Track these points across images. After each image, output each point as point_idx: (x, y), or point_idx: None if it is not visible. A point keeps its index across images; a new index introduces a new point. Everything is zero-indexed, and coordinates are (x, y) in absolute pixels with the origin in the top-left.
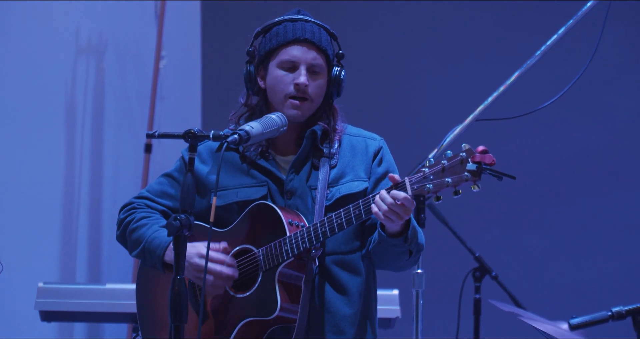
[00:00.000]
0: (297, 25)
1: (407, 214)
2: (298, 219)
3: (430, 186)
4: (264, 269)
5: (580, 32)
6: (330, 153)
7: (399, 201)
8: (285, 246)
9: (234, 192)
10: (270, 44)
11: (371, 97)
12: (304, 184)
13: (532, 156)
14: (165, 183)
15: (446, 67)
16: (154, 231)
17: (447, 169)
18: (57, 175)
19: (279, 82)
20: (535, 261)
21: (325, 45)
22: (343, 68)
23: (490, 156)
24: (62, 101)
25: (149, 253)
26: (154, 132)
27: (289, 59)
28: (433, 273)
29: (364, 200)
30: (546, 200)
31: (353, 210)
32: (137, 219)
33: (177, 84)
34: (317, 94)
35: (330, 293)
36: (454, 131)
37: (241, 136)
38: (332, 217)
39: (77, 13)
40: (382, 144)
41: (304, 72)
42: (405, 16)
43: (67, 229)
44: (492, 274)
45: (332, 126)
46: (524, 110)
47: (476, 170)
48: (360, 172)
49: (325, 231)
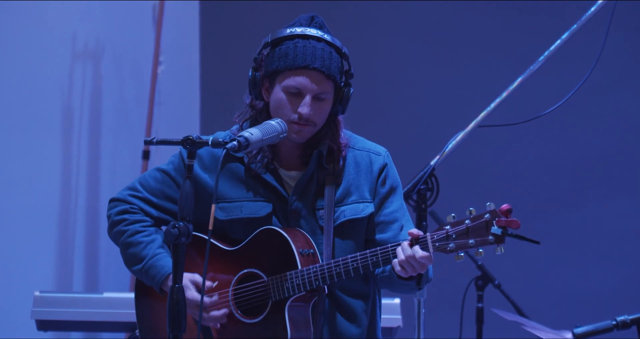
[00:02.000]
0: (308, 47)
1: (423, 269)
2: (308, 245)
3: (453, 246)
4: (273, 299)
5: (584, 37)
6: (335, 171)
7: (418, 258)
8: (297, 280)
9: (238, 206)
10: (278, 63)
11: (371, 103)
12: (308, 204)
13: (535, 162)
14: (161, 180)
15: (448, 72)
16: (152, 256)
17: (471, 231)
18: (54, 182)
19: (282, 106)
20: (539, 269)
21: (335, 72)
22: (351, 87)
23: (515, 221)
24: (58, 106)
25: (147, 278)
26: (152, 139)
27: (295, 86)
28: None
29: (383, 249)
30: (550, 207)
31: (370, 256)
32: (130, 233)
33: (176, 90)
34: (321, 119)
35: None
36: (457, 138)
37: (240, 143)
38: (348, 260)
39: (73, 17)
40: (386, 160)
41: (309, 101)
42: (405, 19)
43: (63, 237)
44: (495, 283)
45: (337, 143)
46: (527, 116)
47: (501, 235)
48: (364, 192)
49: (340, 273)
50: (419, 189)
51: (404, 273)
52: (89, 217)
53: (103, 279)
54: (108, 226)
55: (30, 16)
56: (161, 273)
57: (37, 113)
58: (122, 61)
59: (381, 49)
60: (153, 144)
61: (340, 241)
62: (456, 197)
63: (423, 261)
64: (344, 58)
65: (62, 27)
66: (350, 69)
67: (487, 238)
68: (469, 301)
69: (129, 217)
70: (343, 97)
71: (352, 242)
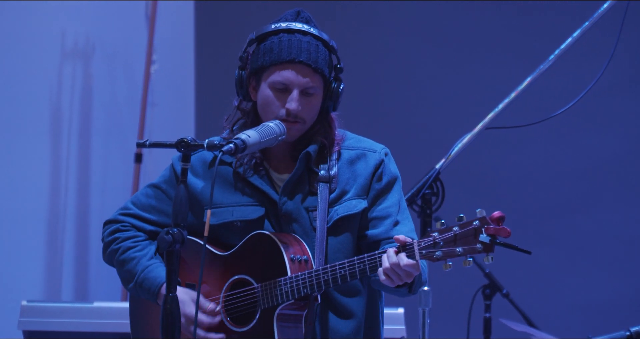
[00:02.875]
0: (293, 41)
1: (409, 278)
2: (301, 251)
3: (440, 254)
4: (262, 307)
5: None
6: (329, 177)
7: (403, 266)
8: (286, 287)
9: (229, 210)
10: (263, 59)
11: (373, 105)
12: (299, 206)
13: (544, 166)
14: (152, 195)
15: (454, 72)
16: (143, 269)
17: (459, 238)
18: (42, 186)
19: (270, 103)
20: (549, 278)
21: (322, 65)
22: (341, 82)
23: (505, 229)
24: (46, 108)
25: (142, 292)
26: (144, 141)
27: (282, 81)
28: (440, 291)
29: (370, 256)
30: (560, 213)
31: (358, 264)
32: (123, 250)
33: (169, 90)
34: (310, 115)
35: (333, 320)
36: (463, 140)
37: (237, 146)
38: (336, 267)
39: (62, 14)
40: (382, 156)
41: (296, 96)
42: (409, 17)
43: (52, 244)
44: (503, 292)
45: (329, 139)
46: (536, 117)
47: (489, 243)
48: (358, 189)
49: (327, 280)
50: (424, 194)
51: (389, 282)
52: (78, 223)
53: (93, 288)
54: (102, 249)
55: (17, 13)
56: (155, 283)
57: (25, 115)
58: (114, 60)
59: (384, 49)
60: (146, 147)
61: (334, 238)
62: (462, 203)
63: (408, 269)
64: (332, 52)
65: (51, 25)
66: (340, 63)
67: (475, 247)
68: (476, 311)
69: (120, 235)
70: (333, 93)
71: (345, 240)
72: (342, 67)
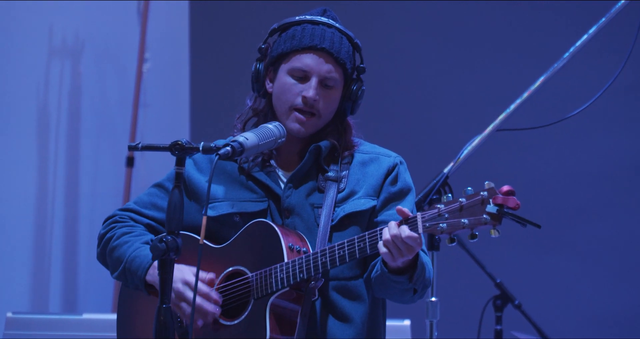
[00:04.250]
0: (316, 29)
1: (410, 253)
2: (301, 243)
3: (444, 226)
4: (255, 297)
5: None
6: (338, 177)
7: (404, 237)
8: (281, 274)
9: (229, 204)
10: (284, 46)
11: (379, 105)
12: (304, 201)
13: (559, 169)
14: (155, 194)
15: (463, 71)
16: (134, 249)
17: (465, 209)
18: (28, 192)
19: (286, 91)
20: (564, 288)
21: (345, 57)
22: (362, 84)
23: (514, 199)
24: (33, 108)
25: (130, 274)
26: (136, 144)
27: (301, 67)
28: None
29: (371, 232)
30: (575, 218)
31: (358, 242)
32: (117, 236)
33: (163, 90)
34: (327, 110)
35: (331, 322)
36: (472, 143)
37: (234, 148)
38: (335, 248)
39: (49, 9)
40: (397, 162)
41: (315, 84)
42: (415, 15)
43: (39, 252)
44: (515, 303)
45: (342, 143)
46: (550, 119)
47: (496, 213)
48: (369, 189)
49: (325, 262)
50: (431, 199)
51: (389, 257)
52: (67, 231)
53: (82, 299)
54: (97, 244)
55: (1, 8)
56: (145, 261)
57: (10, 115)
58: (104, 58)
59: (390, 47)
60: (138, 150)
61: (338, 235)
62: None
63: (409, 241)
64: (357, 49)
65: (37, 20)
66: (362, 62)
67: (482, 217)
68: (486, 323)
69: (116, 225)
70: (352, 93)
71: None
72: (364, 68)
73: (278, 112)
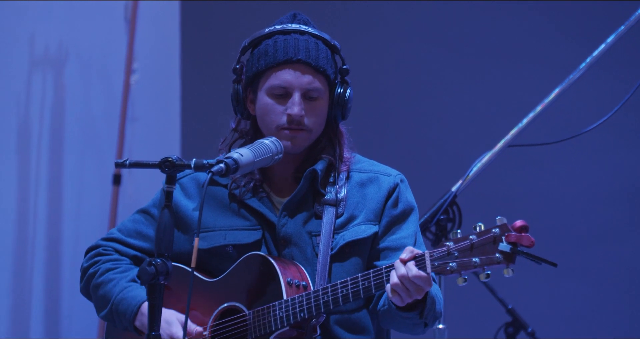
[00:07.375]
0: (289, 40)
1: (419, 294)
2: (300, 276)
3: (454, 265)
4: (252, 337)
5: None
6: (336, 200)
7: (412, 277)
8: (280, 312)
9: (221, 234)
10: (257, 64)
11: (380, 119)
12: (301, 230)
13: (574, 188)
14: (140, 221)
15: (472, 82)
16: (121, 290)
17: (476, 247)
18: (8, 211)
19: (269, 112)
20: (579, 314)
21: (324, 63)
22: (349, 86)
23: (528, 237)
24: (13, 122)
25: (118, 316)
26: (124, 161)
27: (280, 84)
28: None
29: (376, 271)
30: (592, 241)
31: (362, 281)
32: (101, 272)
33: (152, 103)
34: (316, 123)
35: None
36: (482, 160)
37: (228, 165)
38: (337, 286)
39: (31, 16)
40: (397, 181)
41: (298, 99)
42: (422, 22)
43: (19, 275)
44: (528, 330)
45: (338, 156)
46: (565, 134)
47: (510, 252)
48: (369, 214)
49: (327, 301)
50: (439, 219)
51: (398, 299)
52: (49, 253)
53: (66, 324)
54: (80, 277)
55: None
56: (133, 303)
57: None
58: (89, 69)
59: (393, 55)
60: (125, 167)
61: (339, 265)
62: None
63: (417, 281)
64: (335, 51)
65: (18, 29)
66: (344, 64)
67: (494, 256)
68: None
69: (100, 258)
70: (340, 98)
71: (352, 267)
72: (348, 69)
73: (266, 133)
